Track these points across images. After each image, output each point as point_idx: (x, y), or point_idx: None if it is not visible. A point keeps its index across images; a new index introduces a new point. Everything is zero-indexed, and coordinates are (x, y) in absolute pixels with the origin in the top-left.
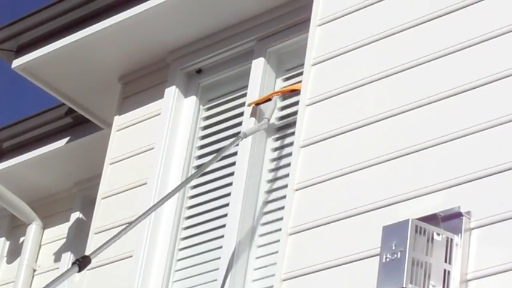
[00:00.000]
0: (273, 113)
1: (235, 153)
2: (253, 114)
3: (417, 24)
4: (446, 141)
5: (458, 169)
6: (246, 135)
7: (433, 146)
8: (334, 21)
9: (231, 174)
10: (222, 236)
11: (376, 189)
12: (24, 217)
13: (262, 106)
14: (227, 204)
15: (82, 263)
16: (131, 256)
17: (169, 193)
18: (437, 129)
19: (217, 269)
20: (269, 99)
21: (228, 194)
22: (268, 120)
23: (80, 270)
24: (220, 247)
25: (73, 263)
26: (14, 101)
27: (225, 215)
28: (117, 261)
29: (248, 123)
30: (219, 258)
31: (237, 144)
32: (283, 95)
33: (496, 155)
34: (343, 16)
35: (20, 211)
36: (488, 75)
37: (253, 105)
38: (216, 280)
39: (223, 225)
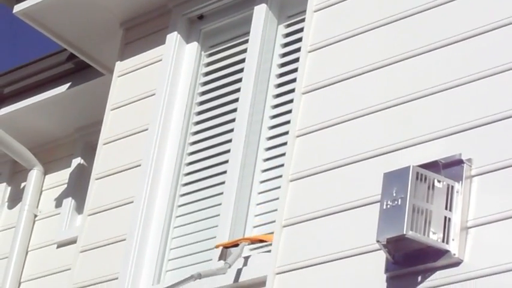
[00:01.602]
0: (236, 259)
1: (236, 100)
2: (221, 257)
3: None
4: (448, 89)
5: (459, 116)
6: (200, 277)
7: (435, 93)
8: None
9: (233, 120)
10: (223, 183)
11: (377, 136)
12: (25, 163)
13: (231, 249)
14: (228, 151)
15: None
16: (132, 202)
17: None
18: (439, 76)
19: (218, 215)
20: (237, 245)
21: (230, 140)
22: (230, 266)
23: None
24: (222, 193)
25: None
26: (15, 46)
27: (226, 161)
28: (117, 207)
29: (215, 265)
30: (220, 204)
31: (193, 280)
32: (251, 243)
33: (498, 102)
34: None
35: (21, 157)
36: (490, 22)
37: (221, 247)
38: (217, 226)
39: (225, 172)
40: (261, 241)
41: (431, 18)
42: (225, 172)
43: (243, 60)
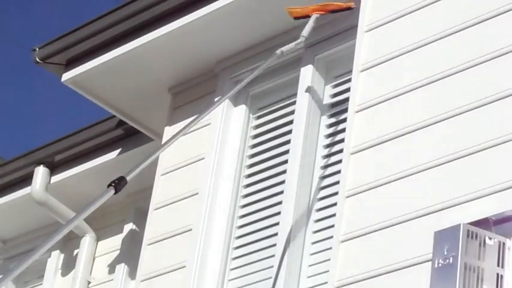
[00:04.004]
0: (310, 30)
1: (285, 161)
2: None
3: (465, 27)
4: (496, 145)
5: (508, 172)
6: (283, 53)
7: (483, 149)
8: (381, 26)
9: (283, 182)
10: (275, 245)
11: (426, 194)
12: (77, 230)
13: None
14: (279, 213)
15: (118, 184)
16: (184, 266)
17: None
18: (486, 132)
19: (270, 278)
20: (308, 16)
21: (280, 202)
22: (305, 37)
23: (116, 192)
24: (273, 255)
25: (108, 185)
26: (65, 114)
27: (278, 223)
28: (170, 272)
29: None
30: (272, 267)
31: (278, 58)
32: (324, 14)
33: None
34: (390, 22)
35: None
36: None
37: (291, 13)
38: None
39: (276, 234)
40: (333, 11)
41: (473, 76)
42: (276, 234)
43: (291, 122)
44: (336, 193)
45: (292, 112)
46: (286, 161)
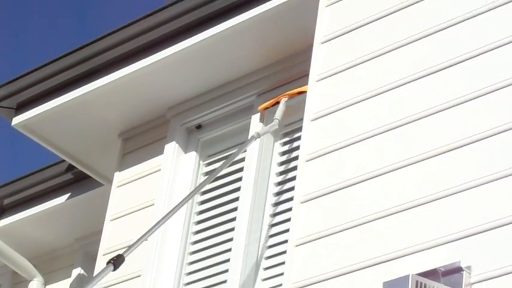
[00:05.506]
0: (282, 113)
1: (235, 209)
2: (261, 119)
3: (413, 80)
4: (446, 196)
5: (458, 224)
6: (259, 135)
7: (433, 200)
8: (333, 76)
9: (232, 229)
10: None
11: (375, 244)
12: (25, 274)
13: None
14: (228, 260)
15: (116, 261)
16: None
17: (184, 199)
18: (437, 183)
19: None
20: (278, 102)
21: (229, 249)
22: (279, 120)
23: (114, 269)
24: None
25: (108, 262)
26: (15, 158)
27: (227, 270)
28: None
29: (258, 126)
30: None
31: (254, 140)
32: (290, 97)
33: (496, 209)
34: (341, 71)
35: (22, 268)
36: (495, 126)
37: (262, 110)
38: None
39: (226, 280)
40: (300, 93)
41: (421, 129)
42: (226, 280)
43: (241, 169)
44: (286, 241)
45: (242, 160)
46: (235, 209)
